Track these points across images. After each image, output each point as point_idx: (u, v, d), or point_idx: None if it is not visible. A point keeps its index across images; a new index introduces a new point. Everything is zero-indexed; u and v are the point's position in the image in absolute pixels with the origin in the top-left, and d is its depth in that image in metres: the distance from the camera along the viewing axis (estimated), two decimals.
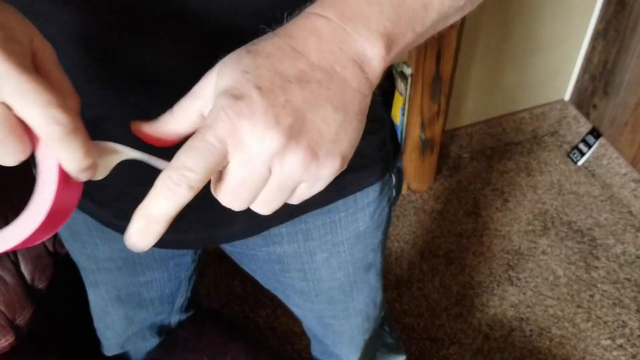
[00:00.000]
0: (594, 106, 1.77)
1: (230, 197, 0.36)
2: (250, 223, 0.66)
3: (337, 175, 0.36)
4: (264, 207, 0.37)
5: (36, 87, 0.31)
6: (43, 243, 0.97)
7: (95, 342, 0.98)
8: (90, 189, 0.63)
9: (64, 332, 1.08)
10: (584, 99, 1.80)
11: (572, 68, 1.79)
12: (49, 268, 0.98)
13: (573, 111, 1.84)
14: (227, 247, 0.76)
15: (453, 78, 1.60)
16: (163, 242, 0.68)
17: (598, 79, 1.73)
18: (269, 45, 0.35)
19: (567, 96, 1.86)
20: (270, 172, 0.35)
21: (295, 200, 0.38)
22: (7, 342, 0.91)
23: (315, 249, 0.72)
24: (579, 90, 1.81)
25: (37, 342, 0.98)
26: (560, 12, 1.61)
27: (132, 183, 0.55)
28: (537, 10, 1.58)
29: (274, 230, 0.69)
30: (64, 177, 0.35)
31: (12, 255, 0.95)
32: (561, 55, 1.74)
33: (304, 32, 0.35)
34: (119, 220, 0.66)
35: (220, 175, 0.36)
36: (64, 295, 1.05)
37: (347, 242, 0.72)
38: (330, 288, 0.78)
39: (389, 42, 0.36)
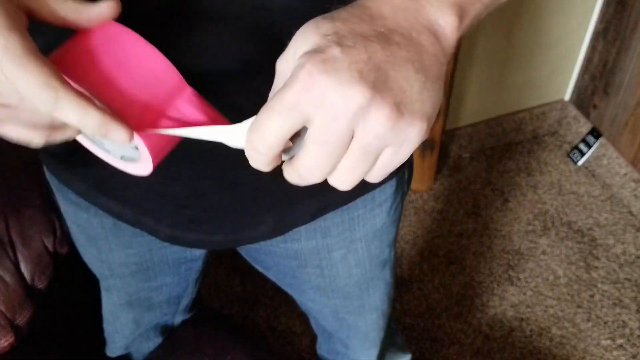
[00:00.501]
0: (594, 106, 1.77)
1: (310, 162, 0.34)
2: (276, 224, 0.66)
3: (422, 140, 0.35)
4: (345, 176, 0.35)
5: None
6: (43, 243, 0.97)
7: (96, 342, 0.98)
8: (115, 189, 0.63)
9: (64, 332, 1.07)
10: (584, 99, 1.80)
11: (572, 68, 1.79)
12: (49, 268, 0.98)
13: (573, 111, 1.84)
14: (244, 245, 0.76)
15: (453, 78, 1.60)
16: (189, 242, 0.68)
17: (598, 79, 1.73)
18: (344, 12, 0.35)
19: (567, 96, 1.86)
20: (352, 134, 0.33)
21: (377, 173, 0.36)
22: (7, 342, 0.91)
23: (333, 246, 0.72)
24: (579, 90, 1.81)
25: (37, 342, 0.97)
26: (560, 11, 1.61)
27: (159, 181, 0.56)
28: (537, 10, 1.58)
29: None
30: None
31: (12, 255, 0.95)
32: (561, 55, 1.74)
33: (377, 2, 0.36)
34: (146, 218, 0.66)
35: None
36: (64, 295, 1.05)
37: (364, 238, 0.72)
38: (347, 284, 0.78)
39: (460, 12, 0.36)
